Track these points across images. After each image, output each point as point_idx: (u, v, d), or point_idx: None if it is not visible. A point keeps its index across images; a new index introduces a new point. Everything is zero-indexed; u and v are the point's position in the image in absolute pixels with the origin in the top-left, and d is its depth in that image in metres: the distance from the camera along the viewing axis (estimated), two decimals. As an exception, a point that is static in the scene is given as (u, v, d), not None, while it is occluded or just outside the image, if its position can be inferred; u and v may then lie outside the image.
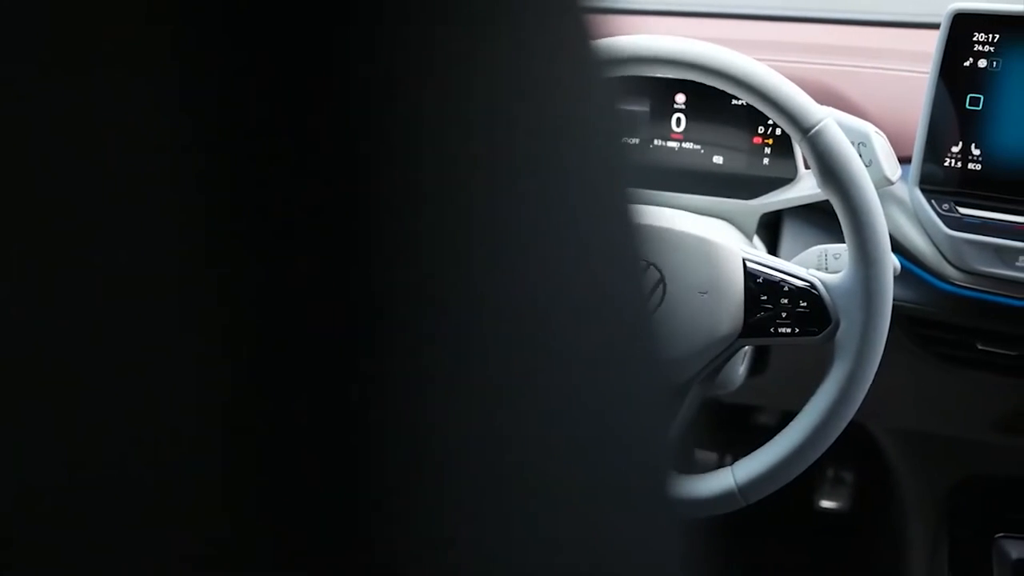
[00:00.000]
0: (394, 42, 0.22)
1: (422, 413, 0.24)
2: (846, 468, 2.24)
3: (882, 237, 1.04)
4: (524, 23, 0.25)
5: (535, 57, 0.26)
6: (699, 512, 1.13)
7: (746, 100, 1.08)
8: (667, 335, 1.05)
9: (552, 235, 0.27)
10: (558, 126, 0.28)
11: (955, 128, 1.26)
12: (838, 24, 1.68)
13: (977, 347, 1.38)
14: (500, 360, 0.25)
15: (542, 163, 0.27)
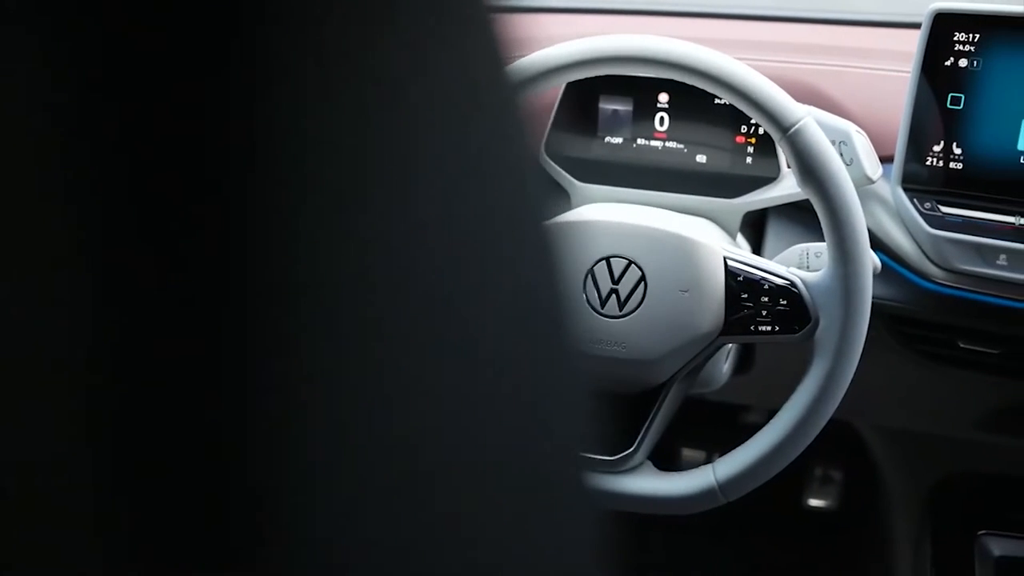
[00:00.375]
0: (275, 45, 0.22)
1: (304, 415, 0.24)
2: (833, 466, 2.24)
3: (861, 235, 1.05)
4: (412, 26, 0.25)
5: (432, 65, 0.26)
6: (680, 510, 1.14)
7: (726, 99, 1.08)
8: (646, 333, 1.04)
9: (452, 235, 0.27)
10: (452, 124, 0.28)
11: (937, 127, 1.26)
12: (822, 24, 1.68)
13: (959, 345, 1.39)
14: (395, 360, 0.25)
15: (435, 162, 0.27)
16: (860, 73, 1.46)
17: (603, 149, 1.41)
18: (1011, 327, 1.33)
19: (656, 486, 1.14)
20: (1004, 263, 1.26)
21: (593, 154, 1.41)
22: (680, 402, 1.17)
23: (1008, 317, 1.32)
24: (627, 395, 1.16)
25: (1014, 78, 1.21)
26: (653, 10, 1.79)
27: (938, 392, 1.55)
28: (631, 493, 1.14)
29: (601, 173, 1.40)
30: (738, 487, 1.11)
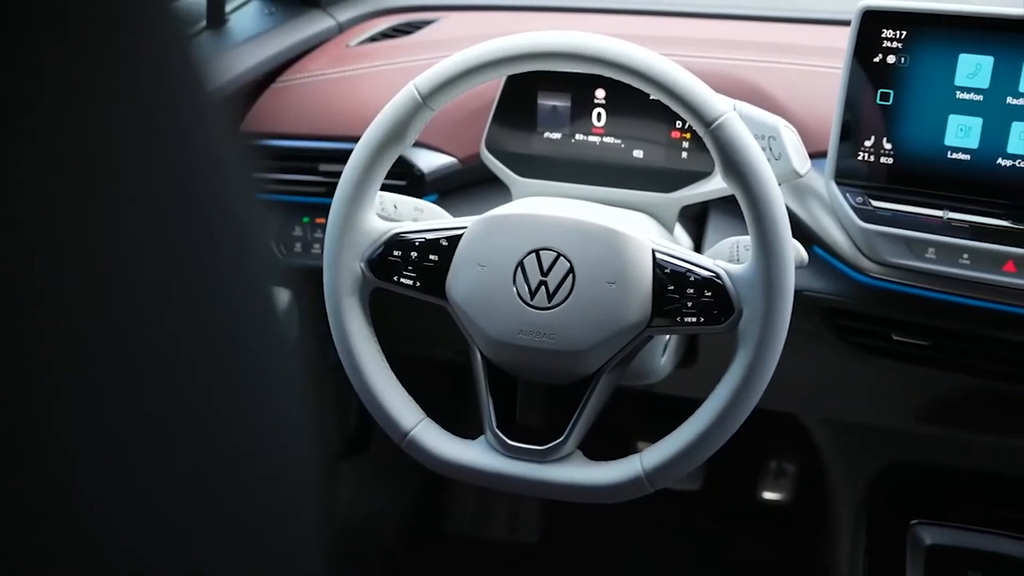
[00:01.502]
0: None
1: None
2: (785, 459, 2.26)
3: (782, 228, 1.06)
4: None
5: None
6: (608, 498, 1.15)
7: (651, 94, 1.09)
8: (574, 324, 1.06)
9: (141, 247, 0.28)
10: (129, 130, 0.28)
11: (867, 123, 1.28)
12: (761, 21, 1.70)
13: (892, 338, 1.40)
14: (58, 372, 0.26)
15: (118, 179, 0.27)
16: (797, 70, 1.48)
17: (542, 144, 1.42)
18: (940, 319, 1.35)
19: (585, 475, 1.15)
20: (932, 256, 1.28)
21: (533, 149, 1.43)
22: (610, 393, 1.18)
23: (937, 309, 1.33)
24: (557, 386, 1.17)
25: (940, 74, 1.22)
26: (594, 8, 1.80)
27: (876, 384, 1.57)
28: (560, 482, 1.15)
29: (541, 168, 1.41)
30: (664, 476, 1.13)
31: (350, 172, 1.18)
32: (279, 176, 1.65)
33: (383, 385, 1.20)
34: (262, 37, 1.72)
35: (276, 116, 1.66)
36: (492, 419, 1.18)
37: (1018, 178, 1.22)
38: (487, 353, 1.18)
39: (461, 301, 1.16)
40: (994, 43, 1.19)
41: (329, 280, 1.20)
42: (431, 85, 1.14)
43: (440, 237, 1.17)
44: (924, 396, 1.57)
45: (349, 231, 1.18)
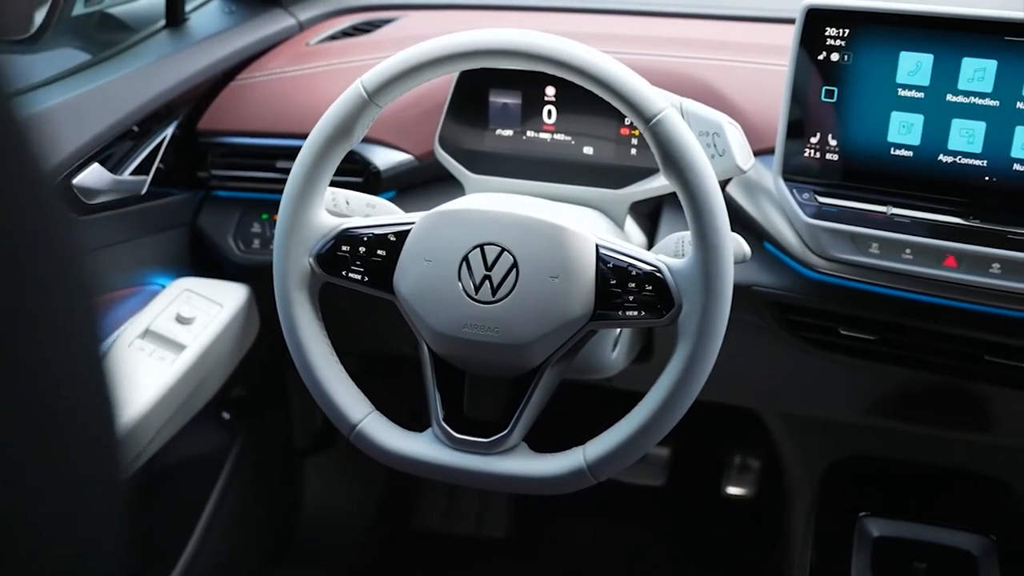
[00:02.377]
0: None
1: None
2: (746, 453, 2.28)
3: (721, 223, 1.07)
4: None
5: None
6: (551, 490, 1.15)
7: (593, 91, 1.10)
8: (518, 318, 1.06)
9: None
10: None
11: (813, 120, 1.28)
12: (713, 19, 1.71)
13: (840, 332, 1.41)
14: None
15: None
16: (747, 68, 1.49)
17: (494, 141, 1.43)
18: (885, 314, 1.36)
19: (529, 467, 1.15)
20: (876, 251, 1.29)
21: (485, 146, 1.43)
22: (556, 386, 1.18)
23: (882, 304, 1.35)
24: (504, 379, 1.18)
25: (882, 72, 1.23)
26: (551, 7, 1.81)
27: (828, 379, 1.59)
28: (504, 474, 1.16)
29: (493, 165, 1.42)
30: (607, 468, 1.13)
31: (298, 169, 1.18)
32: (238, 173, 1.66)
33: (332, 379, 1.21)
34: (222, 35, 1.72)
35: (235, 113, 1.66)
36: (438, 412, 1.18)
37: (958, 174, 1.23)
38: (434, 347, 1.18)
39: (408, 295, 1.16)
40: (934, 41, 1.20)
41: (278, 275, 1.20)
42: (377, 82, 1.15)
43: (388, 233, 1.18)
44: (874, 390, 1.58)
45: (298, 227, 1.19)
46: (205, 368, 1.57)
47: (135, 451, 1.46)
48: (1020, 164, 1.20)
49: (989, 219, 1.23)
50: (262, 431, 2.09)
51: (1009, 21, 1.16)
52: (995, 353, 1.34)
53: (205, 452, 1.90)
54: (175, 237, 1.68)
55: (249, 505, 2.04)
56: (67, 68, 1.50)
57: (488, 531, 2.41)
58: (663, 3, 1.77)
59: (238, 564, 2.03)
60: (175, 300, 1.59)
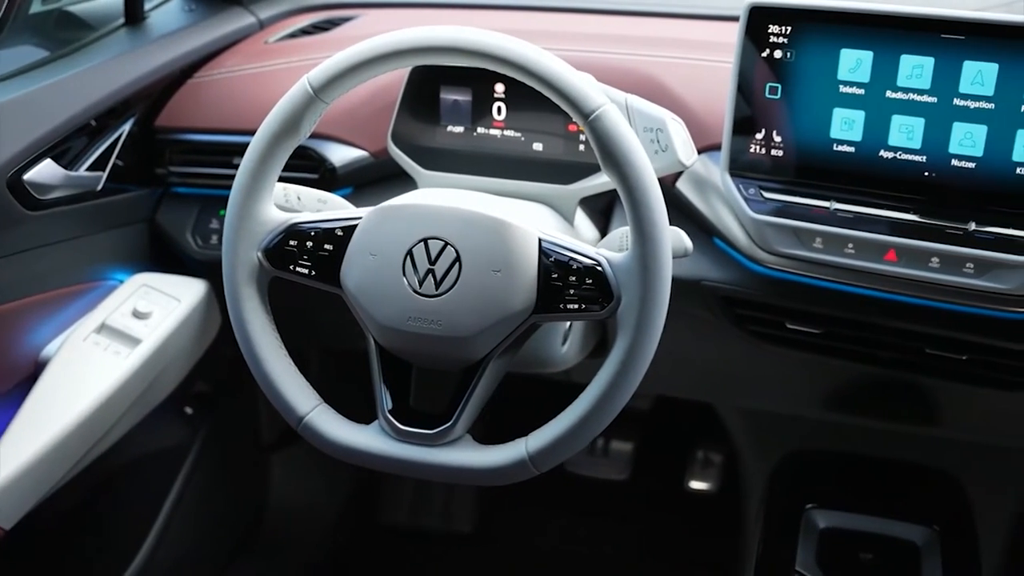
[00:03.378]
0: None
1: None
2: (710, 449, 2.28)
3: (658, 217, 1.07)
4: None
5: None
6: (494, 480, 1.15)
7: (534, 87, 1.10)
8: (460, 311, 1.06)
9: None
10: None
11: (758, 116, 1.29)
12: (663, 17, 1.72)
13: (787, 326, 1.42)
14: None
15: None
16: (696, 65, 1.49)
17: (446, 138, 1.43)
18: (830, 308, 1.37)
19: (472, 458, 1.15)
20: (820, 246, 1.29)
21: (437, 143, 1.44)
22: (500, 378, 1.18)
23: (827, 298, 1.35)
24: (449, 372, 1.18)
25: (824, 68, 1.24)
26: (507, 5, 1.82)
27: (778, 373, 1.59)
28: (448, 465, 1.16)
29: (445, 161, 1.43)
30: (548, 458, 1.13)
31: (246, 164, 1.18)
32: (195, 170, 1.66)
33: (279, 371, 1.21)
34: (180, 33, 1.72)
35: (192, 110, 1.66)
36: (384, 404, 1.19)
37: (898, 170, 1.24)
38: (379, 340, 1.18)
39: (354, 289, 1.16)
40: (873, 38, 1.21)
41: (227, 269, 1.20)
42: (322, 79, 1.15)
43: (335, 227, 1.18)
44: (822, 384, 1.59)
45: (246, 221, 1.19)
46: (162, 362, 1.57)
47: (88, 444, 1.46)
48: (957, 160, 1.20)
49: (928, 214, 1.23)
50: (227, 426, 2.09)
51: (945, 19, 1.17)
52: (935, 346, 1.34)
53: (166, 446, 1.90)
54: (134, 233, 1.67)
55: (213, 499, 2.04)
56: (22, 65, 1.49)
57: (455, 525, 2.41)
58: (615, 2, 1.78)
59: (201, 557, 2.02)
60: (132, 295, 1.59)
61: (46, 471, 1.39)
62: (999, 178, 1.19)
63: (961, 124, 1.20)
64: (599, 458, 2.36)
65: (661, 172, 1.27)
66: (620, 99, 1.27)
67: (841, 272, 1.31)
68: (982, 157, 1.19)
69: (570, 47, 1.54)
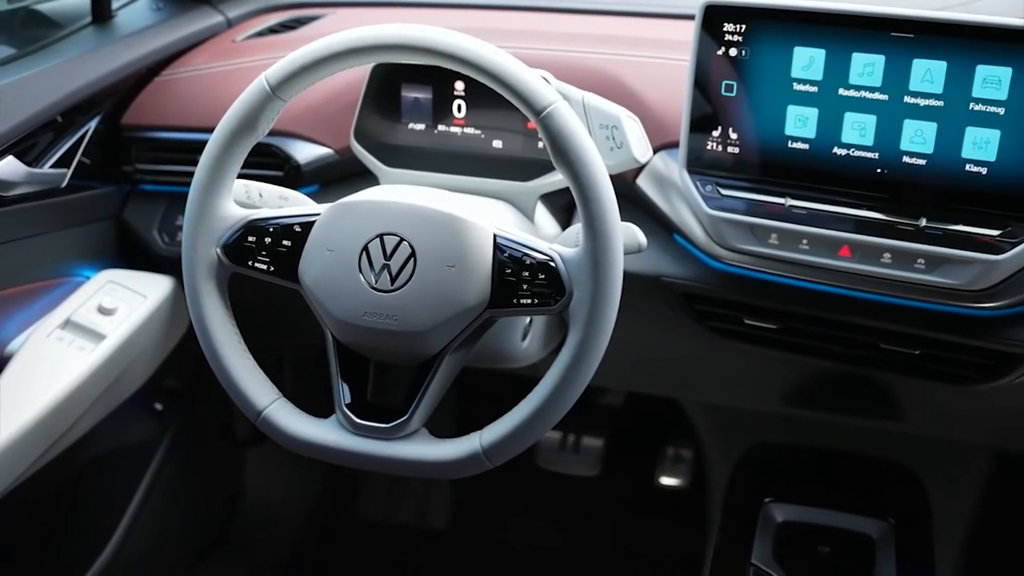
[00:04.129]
0: None
1: None
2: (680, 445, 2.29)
3: (609, 212, 1.07)
4: None
5: None
6: (448, 474, 1.16)
7: (487, 84, 1.10)
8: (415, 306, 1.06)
9: None
10: None
11: (714, 113, 1.29)
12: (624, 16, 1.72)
13: (745, 321, 1.43)
14: None
15: None
16: (656, 63, 1.50)
17: (407, 135, 1.43)
18: (786, 303, 1.37)
19: (427, 452, 1.16)
20: (775, 242, 1.30)
21: (399, 140, 1.44)
22: (456, 372, 1.18)
23: (783, 294, 1.36)
24: (405, 366, 1.18)
25: (778, 66, 1.24)
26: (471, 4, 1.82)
27: (739, 368, 1.60)
28: (403, 458, 1.16)
29: (407, 158, 1.43)
30: (502, 452, 1.13)
31: (204, 161, 1.18)
32: (162, 167, 1.65)
33: (238, 366, 1.21)
34: (148, 31, 1.72)
35: (159, 108, 1.66)
36: (342, 399, 1.19)
37: (851, 167, 1.24)
38: (337, 335, 1.18)
39: (311, 285, 1.16)
40: (825, 36, 1.21)
41: (187, 266, 1.20)
42: (279, 77, 1.15)
43: (294, 223, 1.18)
44: (782, 379, 1.60)
45: (205, 217, 1.19)
46: (128, 358, 1.57)
47: (51, 439, 1.45)
48: (908, 157, 1.21)
49: (880, 210, 1.24)
50: (200, 422, 2.09)
51: (894, 18, 1.17)
52: (889, 341, 1.35)
53: (135, 442, 1.90)
54: (101, 230, 1.67)
55: (184, 494, 2.04)
56: (-13, 63, 1.50)
57: (430, 521, 2.41)
58: (575, 1, 1.78)
59: (170, 552, 2.02)
60: (98, 291, 1.59)
61: (8, 466, 1.39)
62: (949, 175, 1.19)
63: (912, 121, 1.20)
64: (571, 454, 2.36)
65: (616, 169, 1.28)
66: (577, 96, 1.28)
67: (796, 268, 1.32)
68: (932, 154, 1.20)
69: (531, 45, 1.55)
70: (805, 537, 1.62)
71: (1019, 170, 1.16)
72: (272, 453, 2.27)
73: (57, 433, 1.46)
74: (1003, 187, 1.17)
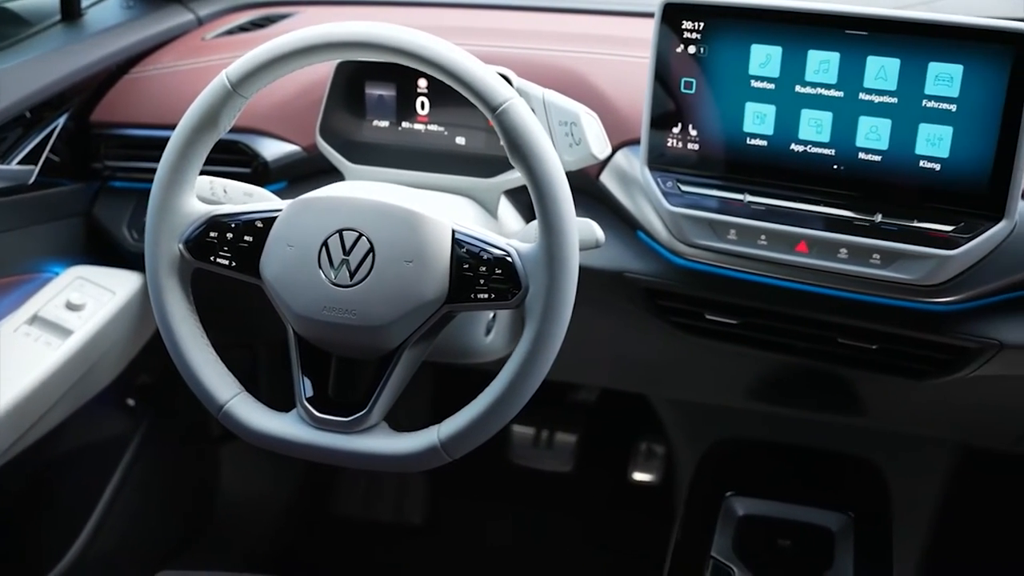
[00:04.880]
0: None
1: None
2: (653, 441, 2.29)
3: (564, 207, 1.07)
4: None
5: None
6: (407, 467, 1.16)
7: (444, 81, 1.10)
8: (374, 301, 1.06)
9: None
10: None
11: (674, 111, 1.30)
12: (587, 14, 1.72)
13: (706, 317, 1.43)
14: None
15: None
16: (619, 60, 1.50)
17: (372, 132, 1.44)
18: (745, 298, 1.38)
19: (386, 445, 1.16)
20: (734, 237, 1.30)
21: (363, 137, 1.44)
22: (416, 367, 1.18)
23: (743, 289, 1.36)
24: (364, 360, 1.18)
25: (736, 64, 1.25)
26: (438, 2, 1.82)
27: (702, 363, 1.60)
28: (362, 452, 1.16)
29: (371, 155, 1.43)
30: (460, 445, 1.14)
31: (166, 157, 1.18)
32: (131, 164, 1.65)
33: (200, 360, 1.21)
34: (117, 29, 1.71)
35: (128, 106, 1.66)
36: (302, 393, 1.19)
37: (809, 163, 1.25)
38: (298, 329, 1.19)
39: (272, 280, 1.16)
40: (782, 34, 1.22)
41: (149, 261, 1.20)
42: (240, 74, 1.15)
43: (255, 219, 1.18)
44: (745, 374, 1.60)
45: (167, 213, 1.19)
46: (96, 353, 1.57)
47: (17, 433, 1.45)
48: (864, 153, 1.21)
49: (837, 206, 1.24)
50: (173, 418, 2.08)
51: (848, 15, 1.18)
52: (847, 336, 1.36)
53: (106, 437, 1.89)
54: (70, 226, 1.67)
55: (156, 490, 2.03)
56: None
57: (407, 516, 2.42)
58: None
59: (142, 547, 2.01)
60: (67, 287, 1.59)
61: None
62: (903, 171, 1.20)
63: (867, 118, 1.21)
64: (544, 450, 2.37)
65: (575, 165, 1.29)
66: (537, 94, 1.28)
67: (755, 263, 1.32)
68: (887, 150, 1.20)
69: (494, 43, 1.55)
70: (766, 530, 1.62)
71: (971, 166, 1.17)
72: (247, 449, 2.25)
73: (23, 428, 1.45)
74: (956, 183, 1.18)
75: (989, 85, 1.14)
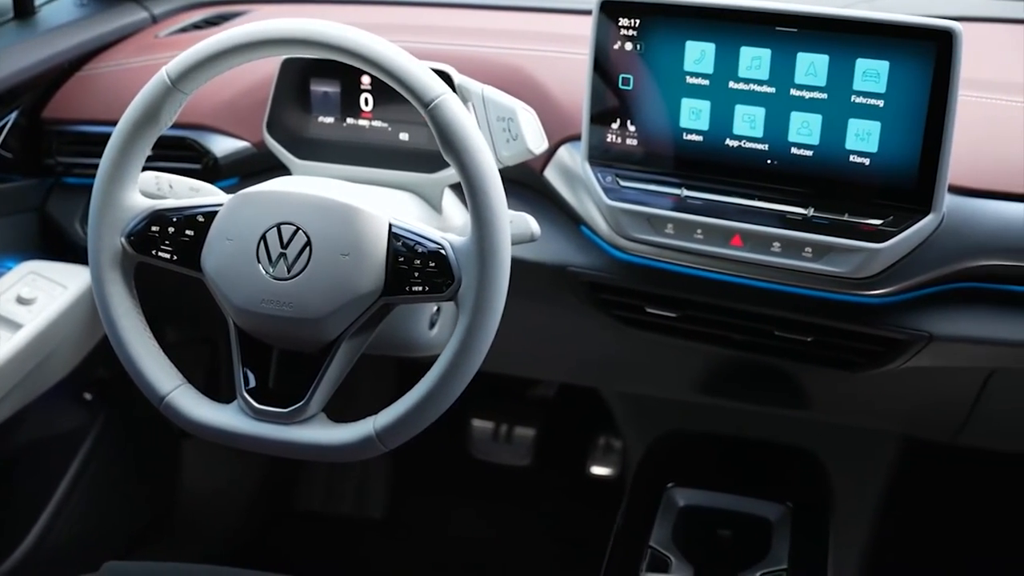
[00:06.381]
0: None
1: None
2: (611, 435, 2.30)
3: (495, 201, 1.08)
4: None
5: None
6: (343, 457, 1.16)
7: (377, 76, 1.11)
8: (311, 294, 1.06)
9: None
10: None
11: (613, 107, 1.30)
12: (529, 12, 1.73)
13: (646, 310, 1.43)
14: None
15: None
16: (561, 57, 1.50)
17: (317, 128, 1.43)
18: (684, 292, 1.38)
19: (323, 436, 1.16)
20: (671, 232, 1.31)
21: (309, 133, 1.44)
22: (355, 359, 1.18)
23: (681, 283, 1.37)
24: (302, 352, 1.18)
25: (671, 60, 1.25)
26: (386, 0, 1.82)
27: (645, 356, 1.61)
28: (300, 442, 1.16)
29: (317, 151, 1.43)
30: (395, 436, 1.14)
31: (108, 153, 1.18)
32: (83, 160, 1.65)
33: (142, 352, 1.21)
34: (70, 27, 1.70)
35: (80, 103, 1.65)
36: (242, 384, 1.19)
37: (743, 158, 1.25)
38: (238, 322, 1.19)
39: (212, 273, 1.16)
40: (715, 31, 1.22)
41: (92, 255, 1.20)
42: (179, 70, 1.16)
43: (197, 213, 1.18)
44: (687, 367, 1.61)
45: (109, 208, 1.19)
46: (47, 347, 1.56)
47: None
48: (796, 148, 1.22)
49: (770, 200, 1.25)
50: (134, 411, 2.07)
51: (777, 13, 1.19)
52: (783, 328, 1.36)
53: (61, 431, 1.88)
54: (23, 222, 1.66)
55: (113, 484, 2.02)
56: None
57: (367, 511, 2.41)
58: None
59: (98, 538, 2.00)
60: (18, 282, 1.58)
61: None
62: (833, 165, 1.21)
63: (798, 113, 1.21)
64: (503, 445, 2.37)
65: (512, 160, 1.29)
66: (476, 90, 1.29)
67: (692, 257, 1.33)
68: (818, 145, 1.21)
69: (438, 40, 1.55)
70: (705, 521, 1.63)
71: (899, 161, 1.17)
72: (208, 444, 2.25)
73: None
74: (884, 177, 1.19)
75: (914, 81, 1.14)
